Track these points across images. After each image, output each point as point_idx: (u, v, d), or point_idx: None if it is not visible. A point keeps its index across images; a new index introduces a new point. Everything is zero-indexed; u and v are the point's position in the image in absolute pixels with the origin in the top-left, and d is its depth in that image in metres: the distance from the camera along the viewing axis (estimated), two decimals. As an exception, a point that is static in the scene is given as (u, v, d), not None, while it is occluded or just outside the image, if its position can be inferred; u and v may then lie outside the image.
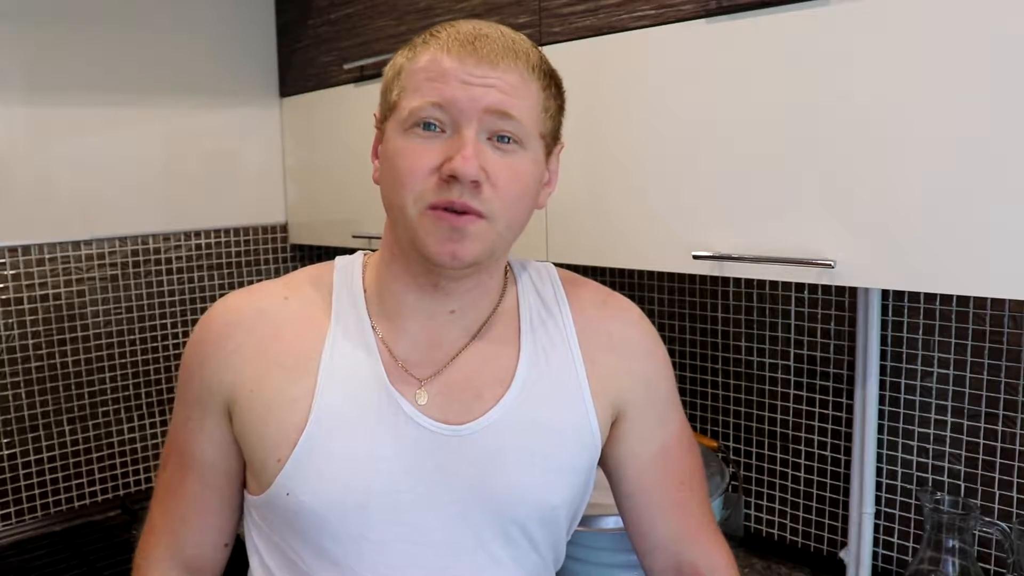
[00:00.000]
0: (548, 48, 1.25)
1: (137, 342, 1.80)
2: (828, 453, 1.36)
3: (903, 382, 1.26)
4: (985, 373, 1.18)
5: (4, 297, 1.63)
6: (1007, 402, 1.16)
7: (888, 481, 1.29)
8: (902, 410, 1.27)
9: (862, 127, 0.92)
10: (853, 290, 1.29)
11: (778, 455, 1.43)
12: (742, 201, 1.04)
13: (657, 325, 1.58)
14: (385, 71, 0.82)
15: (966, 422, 1.20)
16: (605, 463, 0.90)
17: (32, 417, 1.67)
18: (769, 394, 1.43)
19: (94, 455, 1.75)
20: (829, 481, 1.37)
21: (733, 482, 1.45)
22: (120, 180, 1.75)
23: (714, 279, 1.48)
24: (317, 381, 0.79)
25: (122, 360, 1.78)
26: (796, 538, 1.42)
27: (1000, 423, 1.17)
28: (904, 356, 1.26)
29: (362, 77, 1.64)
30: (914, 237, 0.89)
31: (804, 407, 1.39)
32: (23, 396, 1.66)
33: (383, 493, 0.78)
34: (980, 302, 1.17)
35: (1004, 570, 1.13)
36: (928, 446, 1.25)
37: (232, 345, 0.81)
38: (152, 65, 1.76)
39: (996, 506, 1.18)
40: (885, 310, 1.26)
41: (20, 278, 1.65)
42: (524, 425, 0.81)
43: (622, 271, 1.64)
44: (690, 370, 1.55)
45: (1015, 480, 1.16)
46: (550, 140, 0.84)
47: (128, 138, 1.75)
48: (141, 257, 1.79)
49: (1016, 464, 1.16)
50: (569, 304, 0.88)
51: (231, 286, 1.93)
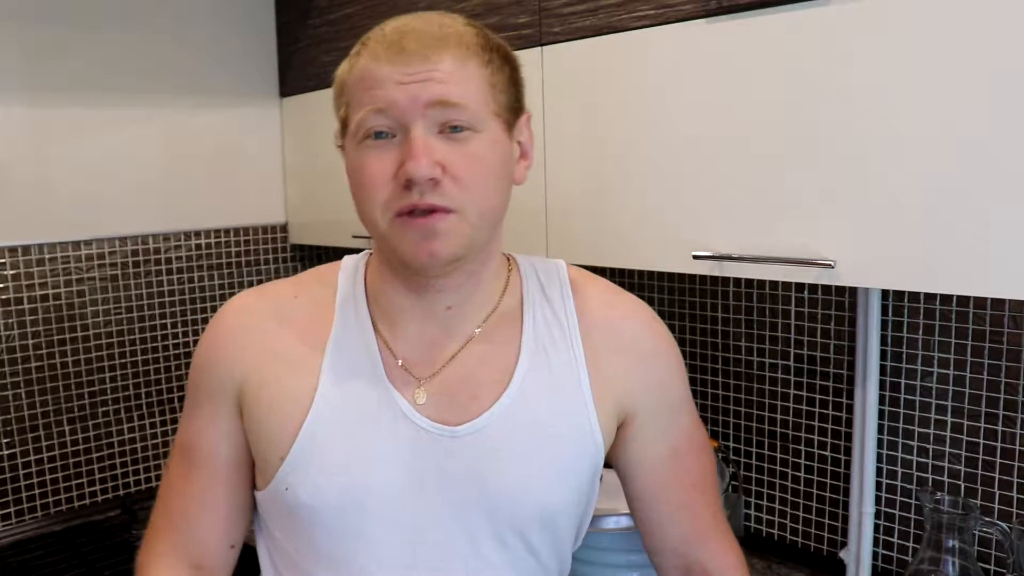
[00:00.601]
0: (548, 48, 1.25)
1: (137, 342, 1.80)
2: (828, 453, 1.36)
3: (903, 382, 1.26)
4: (985, 373, 1.18)
5: (4, 297, 1.63)
6: (1007, 402, 1.16)
7: (888, 481, 1.29)
8: (902, 410, 1.27)
9: (862, 127, 0.92)
10: (853, 290, 1.29)
11: (778, 455, 1.43)
12: (742, 201, 1.04)
13: (657, 325, 1.59)
14: (339, 74, 0.81)
15: (966, 422, 1.20)
16: (615, 464, 0.90)
17: (32, 417, 1.67)
18: (769, 394, 1.43)
19: (94, 455, 1.75)
20: (829, 481, 1.37)
21: (733, 482, 1.45)
22: (120, 180, 1.75)
23: (714, 279, 1.48)
24: (319, 378, 0.80)
25: (122, 360, 1.78)
26: (796, 538, 1.42)
27: (1000, 423, 1.17)
28: (904, 356, 1.26)
29: (362, 77, 1.63)
30: (914, 237, 0.89)
31: (804, 407, 1.39)
32: (23, 396, 1.66)
33: (380, 492, 0.78)
34: (980, 302, 1.17)
35: (1004, 570, 1.13)
36: (928, 446, 1.25)
37: (242, 341, 0.84)
38: (152, 65, 1.76)
39: (996, 506, 1.18)
40: (885, 310, 1.26)
41: (20, 278, 1.65)
42: (521, 427, 0.80)
43: (622, 271, 1.64)
44: (690, 370, 1.54)
45: (1015, 480, 1.16)
46: (508, 114, 0.80)
47: (128, 138, 1.75)
48: (141, 257, 1.79)
49: (1016, 464, 1.16)
50: (575, 304, 0.87)
51: (231, 286, 1.93)
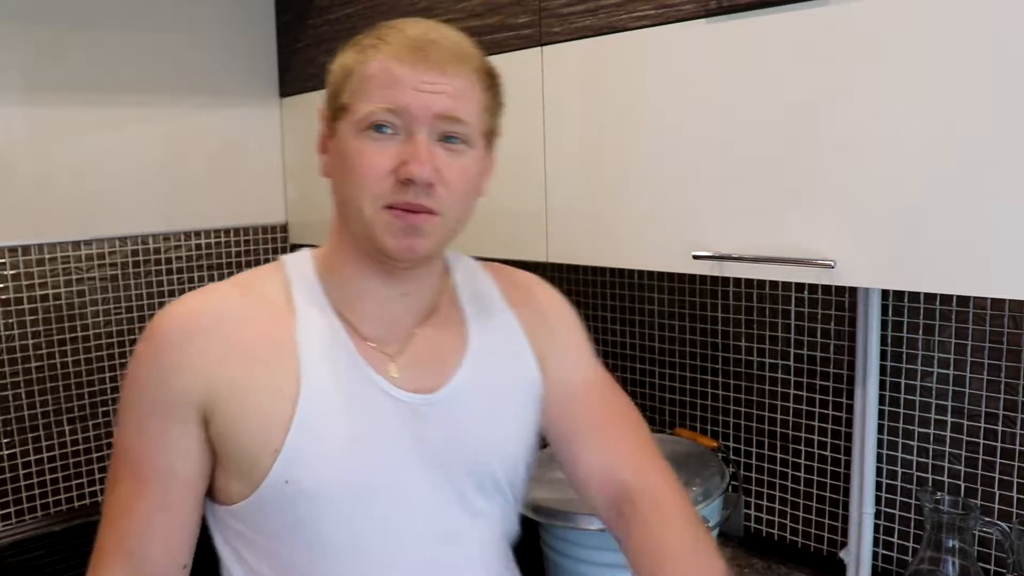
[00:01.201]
0: (548, 48, 1.25)
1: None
2: (828, 453, 1.36)
3: (903, 382, 1.26)
4: (985, 373, 1.18)
5: (4, 297, 1.63)
6: (1007, 402, 1.16)
7: (888, 481, 1.29)
8: (902, 410, 1.27)
9: (862, 127, 0.92)
10: (853, 290, 1.29)
11: (778, 455, 1.43)
12: (742, 201, 1.04)
13: (657, 325, 1.59)
14: (331, 69, 0.85)
15: (966, 422, 1.20)
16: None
17: (32, 417, 1.67)
18: (769, 394, 1.43)
19: (94, 455, 1.75)
20: (829, 481, 1.37)
21: (733, 482, 1.45)
22: (120, 180, 1.75)
23: (714, 279, 1.48)
24: (299, 368, 0.81)
25: (122, 360, 1.78)
26: (796, 538, 1.42)
27: (1000, 423, 1.17)
28: (904, 356, 1.26)
29: (362, 77, 1.63)
30: (914, 237, 0.89)
31: (804, 407, 1.39)
32: (23, 396, 1.66)
33: (384, 468, 0.82)
34: (980, 302, 1.17)
35: (1004, 570, 1.13)
36: (928, 446, 1.25)
37: (195, 349, 0.80)
38: (152, 65, 1.76)
39: (996, 506, 1.18)
40: (885, 310, 1.26)
41: (20, 278, 1.65)
42: (483, 388, 0.89)
43: (622, 271, 1.64)
44: (690, 370, 1.54)
45: (1015, 480, 1.16)
46: (491, 135, 0.90)
47: (128, 138, 1.75)
48: (141, 257, 1.79)
49: (1016, 464, 1.16)
50: (492, 279, 0.99)
51: (231, 286, 1.93)
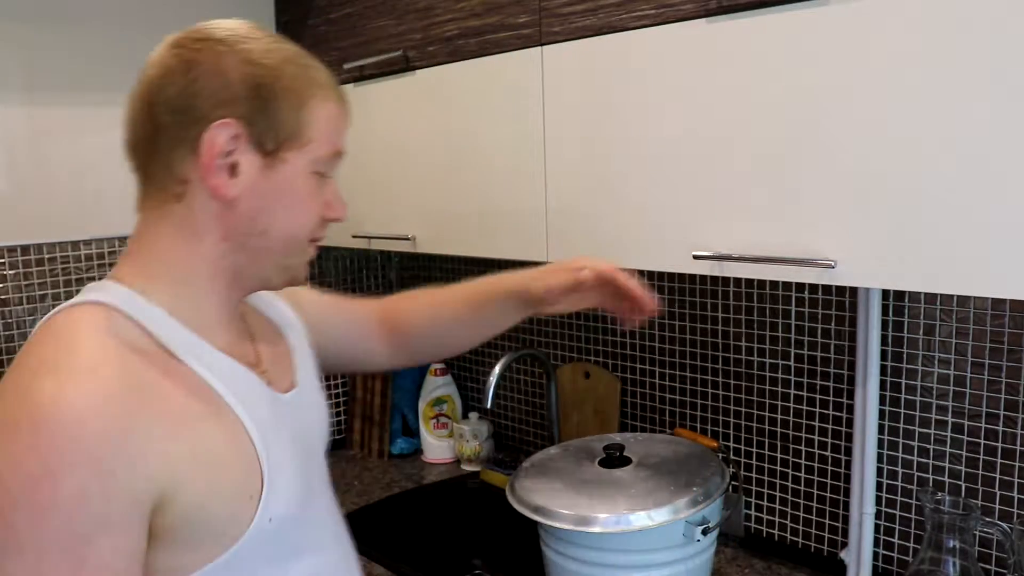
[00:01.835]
0: (548, 48, 1.25)
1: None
2: (828, 453, 1.36)
3: (903, 382, 1.26)
4: (985, 373, 1.18)
5: (3, 297, 1.63)
6: (1008, 402, 1.16)
7: (888, 481, 1.29)
8: (902, 410, 1.27)
9: (862, 127, 0.92)
10: (853, 290, 1.29)
11: (778, 455, 1.43)
12: (742, 201, 1.04)
13: (657, 325, 1.59)
14: (275, 87, 0.77)
15: (967, 422, 1.20)
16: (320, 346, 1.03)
17: (32, 417, 1.67)
18: (769, 394, 1.43)
19: (94, 455, 1.75)
20: (829, 481, 1.37)
21: (733, 482, 1.45)
22: (120, 180, 1.72)
23: (714, 279, 1.48)
24: (232, 409, 0.77)
25: (122, 360, 1.77)
26: (796, 538, 1.42)
27: (1001, 423, 1.17)
28: (904, 356, 1.26)
29: (362, 77, 1.64)
30: (914, 237, 0.89)
31: (804, 407, 1.39)
32: (23, 396, 1.66)
33: (304, 471, 0.85)
34: (980, 302, 1.17)
35: (1005, 571, 1.13)
36: (929, 446, 1.25)
37: (141, 436, 0.68)
38: (152, 65, 1.76)
39: (997, 506, 1.18)
40: (885, 310, 1.26)
41: (19, 278, 1.65)
42: (308, 380, 0.94)
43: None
44: (690, 370, 1.54)
45: (1016, 480, 1.16)
46: None
47: (128, 138, 1.75)
48: (141, 257, 1.79)
49: (1017, 464, 1.16)
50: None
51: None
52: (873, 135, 0.91)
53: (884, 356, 1.27)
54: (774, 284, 1.40)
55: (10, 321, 1.63)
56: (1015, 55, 0.80)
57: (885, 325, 1.26)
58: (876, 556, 1.31)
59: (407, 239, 1.56)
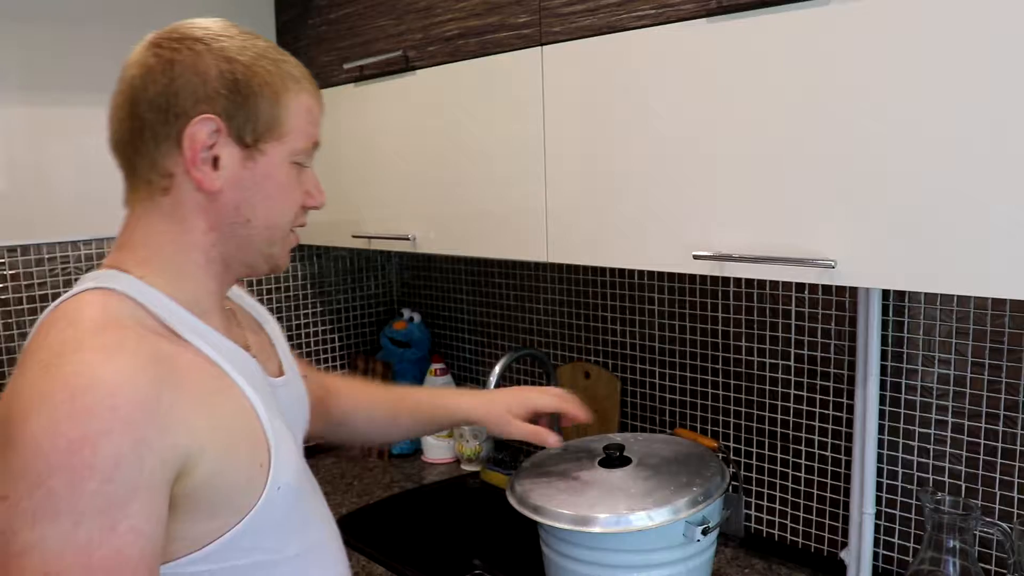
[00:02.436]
0: (548, 48, 1.25)
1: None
2: (828, 453, 1.36)
3: (903, 382, 1.26)
4: (986, 373, 1.18)
5: (3, 297, 1.63)
6: (1008, 402, 1.16)
7: (888, 481, 1.29)
8: (903, 410, 1.27)
9: (862, 127, 0.92)
10: (853, 290, 1.29)
11: (778, 455, 1.43)
12: (742, 201, 1.04)
13: (657, 325, 1.59)
14: (252, 83, 0.81)
15: (967, 422, 1.20)
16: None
17: (32, 417, 1.67)
18: (769, 394, 1.43)
19: (94, 455, 1.75)
20: (829, 481, 1.37)
21: (733, 482, 1.45)
22: (120, 180, 1.74)
23: (714, 279, 1.48)
24: (239, 386, 0.82)
25: (122, 360, 1.77)
26: (796, 538, 1.42)
27: (1001, 423, 1.17)
28: (904, 356, 1.26)
29: (362, 77, 1.64)
30: (914, 237, 0.89)
31: (804, 407, 1.39)
32: (23, 396, 1.66)
33: (297, 446, 0.92)
34: (981, 302, 1.17)
35: (1005, 571, 1.13)
36: (929, 446, 1.25)
37: (167, 405, 0.72)
38: (152, 65, 1.76)
39: (997, 506, 1.18)
40: (885, 310, 1.26)
41: (19, 278, 1.65)
42: (291, 370, 1.00)
43: (622, 271, 1.64)
44: (690, 370, 1.54)
45: (1016, 480, 1.16)
46: None
47: (128, 138, 1.75)
48: (141, 257, 1.79)
49: (1017, 464, 1.16)
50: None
51: (231, 286, 1.93)
52: (873, 135, 0.91)
53: (884, 356, 1.27)
54: (774, 284, 1.40)
55: (10, 321, 1.63)
56: (1015, 55, 0.80)
57: (885, 325, 1.26)
58: (876, 556, 1.31)
59: (407, 239, 1.56)
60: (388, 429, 1.24)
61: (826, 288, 1.34)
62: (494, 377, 1.54)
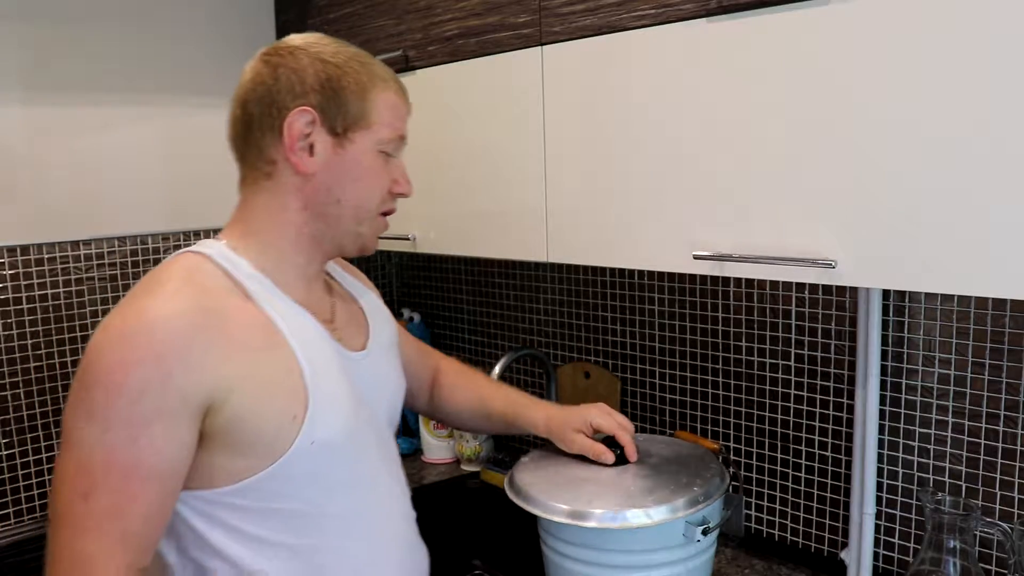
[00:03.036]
0: (548, 48, 1.25)
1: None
2: (829, 453, 1.36)
3: (904, 382, 1.26)
4: (986, 373, 1.17)
5: (3, 297, 1.63)
6: (1008, 402, 1.16)
7: (889, 481, 1.29)
8: (903, 410, 1.27)
9: (862, 127, 0.91)
10: (853, 290, 1.29)
11: (778, 455, 1.43)
12: (742, 201, 1.04)
13: (657, 325, 1.59)
14: (343, 80, 0.95)
15: (967, 422, 1.20)
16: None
17: (31, 417, 1.67)
18: (769, 394, 1.43)
19: (93, 455, 1.75)
20: (830, 481, 1.37)
21: (733, 482, 1.45)
22: (119, 180, 1.75)
23: (714, 279, 1.48)
24: (290, 346, 0.92)
25: (121, 360, 1.77)
26: (796, 538, 1.42)
27: (1001, 423, 1.17)
28: (904, 356, 1.25)
29: (362, 77, 1.63)
30: (914, 237, 0.89)
31: (804, 407, 1.39)
32: (22, 396, 1.66)
33: (357, 412, 0.98)
34: (981, 302, 1.17)
35: (1005, 571, 1.13)
36: (929, 446, 1.24)
37: (199, 349, 0.85)
38: (152, 65, 1.76)
39: (997, 507, 1.18)
40: (886, 310, 1.26)
41: (19, 278, 1.64)
42: (382, 344, 1.09)
43: (622, 271, 1.64)
44: (690, 370, 1.54)
45: (1016, 480, 1.16)
46: None
47: (127, 138, 1.75)
48: (140, 257, 1.79)
49: (1017, 464, 1.16)
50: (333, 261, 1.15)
51: (231, 286, 1.93)
52: (873, 135, 0.91)
53: (884, 356, 1.27)
54: (774, 284, 1.40)
55: (9, 321, 1.63)
56: (1015, 55, 0.80)
57: (885, 325, 1.26)
58: (876, 556, 1.31)
59: (407, 239, 1.56)
60: (479, 423, 1.33)
61: (826, 288, 1.33)
62: (494, 377, 1.53)
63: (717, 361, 1.50)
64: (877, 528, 1.30)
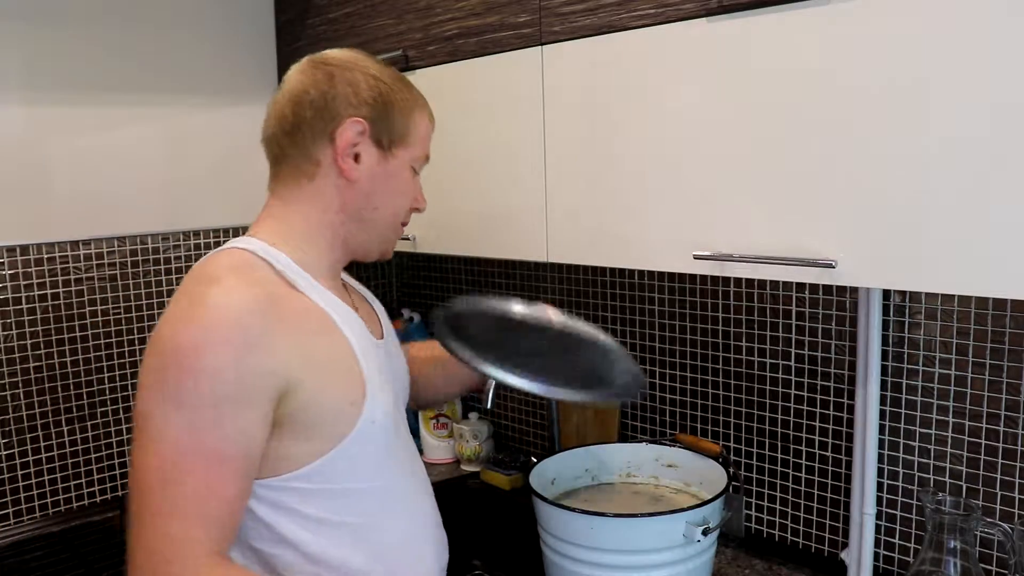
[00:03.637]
0: (548, 48, 1.25)
1: (136, 342, 1.80)
2: (829, 453, 1.36)
3: (904, 382, 1.26)
4: (986, 373, 1.17)
5: (3, 297, 1.63)
6: (1008, 402, 1.16)
7: (889, 482, 1.29)
8: (903, 410, 1.27)
9: (862, 127, 0.91)
10: (854, 290, 1.29)
11: (779, 455, 1.43)
12: (743, 201, 1.04)
13: (657, 325, 1.58)
14: (392, 97, 1.01)
15: (967, 422, 1.20)
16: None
17: (31, 417, 1.67)
18: (769, 394, 1.43)
19: (92, 455, 1.75)
20: (830, 481, 1.36)
21: (734, 483, 1.45)
22: (119, 180, 1.75)
23: (714, 279, 1.48)
24: (343, 332, 0.97)
25: (121, 360, 1.78)
26: (797, 539, 1.42)
27: (1001, 423, 1.17)
28: (904, 356, 1.25)
29: (362, 77, 1.63)
30: (914, 237, 0.89)
31: (804, 407, 1.39)
32: (22, 396, 1.66)
33: (394, 394, 1.05)
34: (981, 302, 1.17)
35: (1006, 571, 1.13)
36: (929, 446, 1.24)
37: (270, 333, 0.89)
38: (152, 64, 1.76)
39: (998, 507, 1.18)
40: (886, 310, 1.26)
41: (19, 278, 1.64)
42: (391, 333, 1.16)
43: (622, 271, 1.64)
44: (690, 370, 1.54)
45: (1017, 481, 1.16)
46: None
47: (127, 138, 1.75)
48: (140, 257, 1.79)
49: (1018, 464, 1.16)
50: None
51: (231, 286, 1.93)
52: (873, 135, 0.91)
53: (884, 356, 1.27)
54: (774, 284, 1.40)
55: (10, 321, 1.63)
56: (1015, 55, 0.80)
57: (885, 325, 1.26)
58: (877, 556, 1.31)
59: (407, 239, 1.56)
60: (446, 384, 1.31)
61: (826, 288, 1.33)
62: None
63: (717, 361, 1.50)
64: (877, 528, 1.30)
